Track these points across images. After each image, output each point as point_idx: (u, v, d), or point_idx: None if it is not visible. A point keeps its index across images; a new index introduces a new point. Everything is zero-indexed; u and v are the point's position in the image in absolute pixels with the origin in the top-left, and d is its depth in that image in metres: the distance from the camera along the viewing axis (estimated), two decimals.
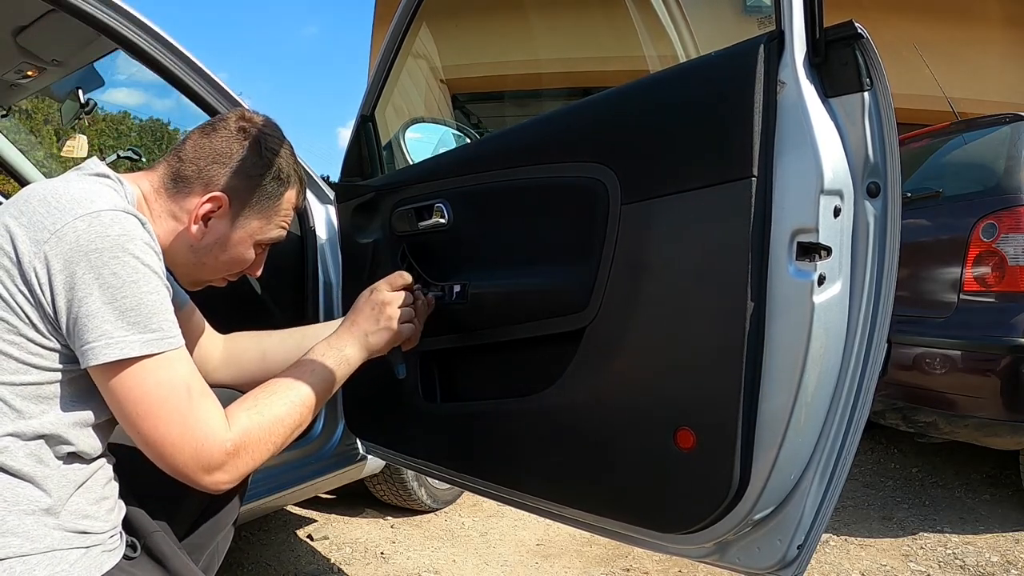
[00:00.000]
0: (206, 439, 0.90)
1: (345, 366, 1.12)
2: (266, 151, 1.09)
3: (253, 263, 1.15)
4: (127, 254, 0.87)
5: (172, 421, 0.89)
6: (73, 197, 0.90)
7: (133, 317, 0.87)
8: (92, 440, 0.94)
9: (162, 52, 1.62)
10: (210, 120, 1.11)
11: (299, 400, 1.02)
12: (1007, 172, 2.53)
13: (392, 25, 1.62)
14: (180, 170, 1.06)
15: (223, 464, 0.91)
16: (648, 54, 1.87)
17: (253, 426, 0.95)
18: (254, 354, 1.33)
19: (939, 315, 2.56)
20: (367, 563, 2.17)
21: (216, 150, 1.06)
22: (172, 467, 0.90)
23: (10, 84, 2.48)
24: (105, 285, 0.86)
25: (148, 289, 0.88)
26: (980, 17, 7.97)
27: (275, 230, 1.13)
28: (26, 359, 0.87)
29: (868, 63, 0.94)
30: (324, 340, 1.14)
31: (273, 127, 1.12)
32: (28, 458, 0.87)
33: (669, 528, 1.12)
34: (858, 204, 0.98)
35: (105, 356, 0.86)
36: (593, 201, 1.15)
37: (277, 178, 1.10)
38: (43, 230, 0.87)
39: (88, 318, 0.85)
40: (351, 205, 1.67)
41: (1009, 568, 2.15)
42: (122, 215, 0.90)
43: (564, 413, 1.21)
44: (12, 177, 3.02)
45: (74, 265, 0.85)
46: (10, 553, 0.83)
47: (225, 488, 0.94)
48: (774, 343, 0.97)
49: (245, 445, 0.93)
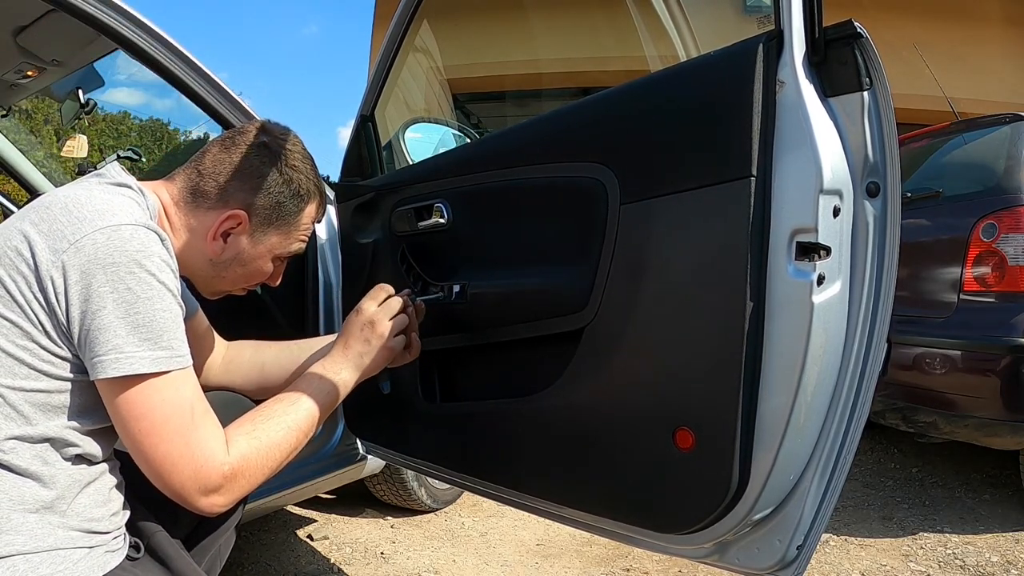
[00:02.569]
0: (206, 461, 0.90)
1: (342, 388, 1.14)
2: (287, 168, 1.08)
3: (272, 275, 1.15)
4: (143, 270, 0.88)
5: (173, 441, 0.89)
6: (95, 208, 0.90)
7: (145, 333, 0.87)
8: (98, 444, 0.95)
9: (162, 52, 1.62)
10: (230, 132, 1.11)
11: (295, 426, 1.03)
12: (1007, 172, 2.53)
13: (392, 25, 1.62)
14: (200, 184, 1.05)
15: (220, 487, 0.91)
16: (648, 54, 1.87)
17: (251, 451, 0.95)
18: (253, 363, 1.34)
19: (939, 315, 2.56)
20: (367, 563, 2.17)
21: (236, 166, 1.05)
22: (169, 486, 0.90)
23: (10, 84, 2.48)
24: (120, 299, 0.86)
25: (162, 307, 0.89)
26: (980, 17, 7.97)
27: (294, 244, 1.13)
28: (37, 365, 0.88)
29: (867, 63, 0.94)
30: (319, 363, 1.15)
31: (294, 141, 1.11)
32: (34, 459, 0.88)
33: (668, 528, 1.12)
34: (858, 204, 0.98)
35: (115, 371, 0.86)
36: (592, 201, 1.15)
37: (297, 195, 1.09)
38: (62, 239, 0.87)
39: (100, 331, 0.86)
40: (351, 205, 1.67)
41: (1009, 568, 2.15)
42: (142, 230, 0.90)
43: (563, 413, 1.21)
44: (12, 177, 3.02)
45: (90, 277, 0.86)
46: (13, 551, 0.84)
47: (220, 511, 0.94)
48: (773, 343, 0.97)
49: (243, 469, 0.94)
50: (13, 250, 0.89)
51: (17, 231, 0.90)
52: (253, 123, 1.12)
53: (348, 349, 1.17)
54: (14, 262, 0.88)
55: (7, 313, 0.87)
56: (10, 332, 0.87)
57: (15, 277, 0.87)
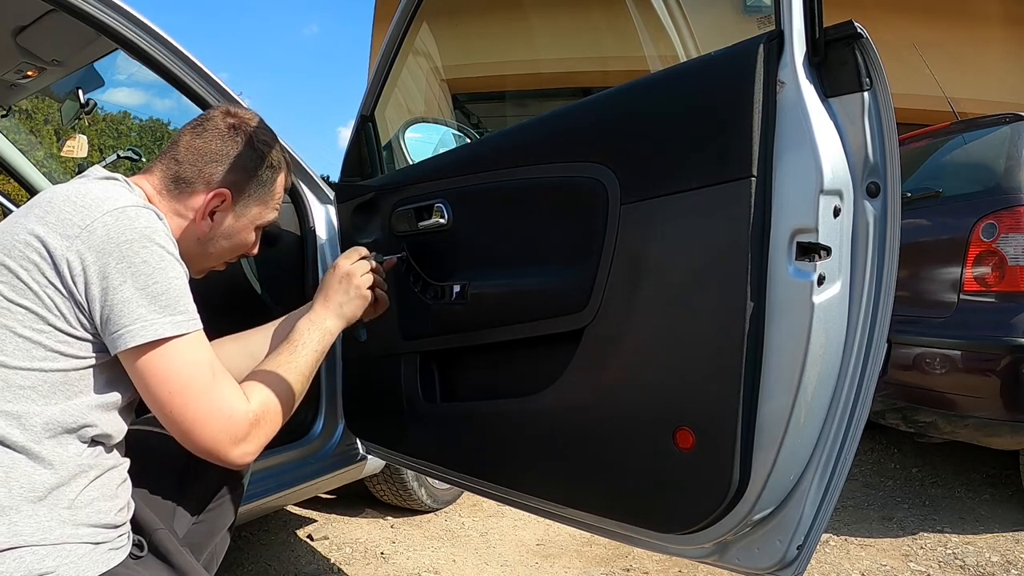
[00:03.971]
0: (233, 413, 0.98)
1: (328, 337, 1.23)
2: (259, 144, 1.17)
3: (252, 244, 1.24)
4: (154, 244, 0.95)
5: (200, 399, 0.96)
6: (97, 196, 0.97)
7: (164, 301, 0.94)
8: (114, 425, 0.99)
9: (162, 52, 1.62)
10: (198, 120, 1.17)
11: (299, 371, 1.13)
12: (1007, 172, 2.52)
13: (392, 25, 1.62)
14: (179, 172, 1.12)
15: (248, 435, 0.99)
16: (648, 54, 1.87)
17: (268, 398, 1.04)
18: (240, 354, 1.34)
19: (939, 315, 2.55)
20: (367, 563, 2.17)
21: (212, 150, 1.13)
22: (202, 443, 0.97)
23: (10, 84, 2.48)
24: (137, 273, 0.93)
25: (174, 275, 0.97)
26: (980, 17, 7.96)
27: (271, 213, 1.23)
28: (55, 347, 0.92)
29: (868, 63, 0.94)
30: (305, 318, 1.23)
31: (258, 120, 1.20)
32: (49, 442, 0.90)
33: (669, 528, 1.12)
34: (858, 204, 0.98)
35: (142, 338, 0.92)
36: (592, 201, 1.15)
37: (270, 166, 1.19)
38: (72, 226, 0.93)
39: (123, 304, 0.92)
40: (351, 205, 1.67)
41: (1009, 568, 2.15)
42: (144, 210, 0.98)
43: (563, 413, 1.21)
44: (12, 177, 3.01)
45: (107, 256, 0.92)
46: (21, 542, 0.86)
47: (249, 460, 1.02)
48: (774, 343, 0.97)
49: (264, 415, 1.02)
50: (22, 243, 0.93)
51: (22, 227, 0.94)
52: (216, 108, 1.20)
53: (329, 300, 1.26)
54: (24, 252, 0.92)
55: (22, 301, 0.92)
56: (25, 318, 0.91)
57: (27, 266, 0.92)
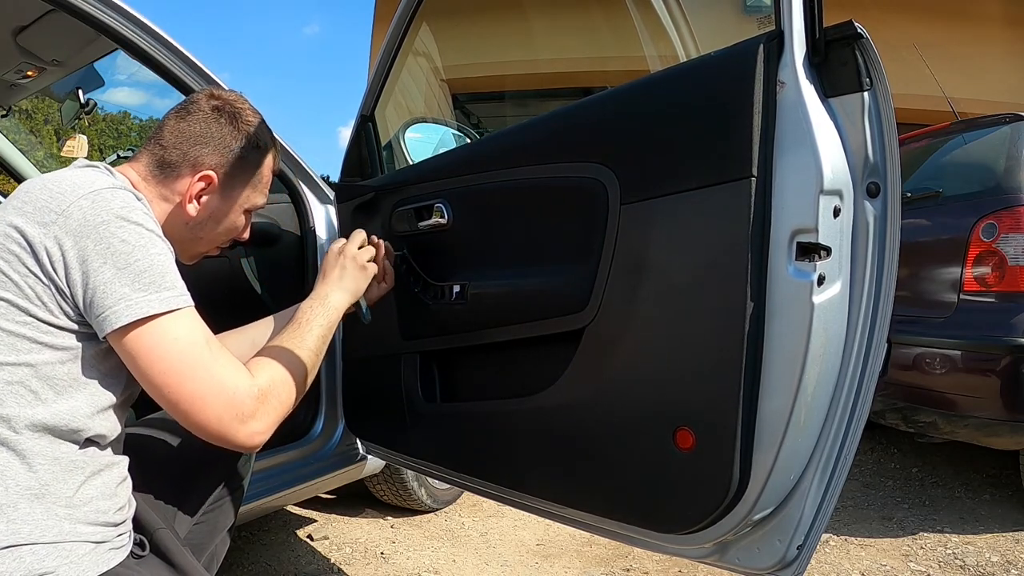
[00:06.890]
0: (236, 388, 0.93)
1: (334, 312, 1.22)
2: (244, 125, 1.15)
3: (242, 228, 1.22)
4: (131, 223, 0.92)
5: (198, 377, 0.91)
6: (73, 182, 0.95)
7: (147, 278, 0.91)
8: (107, 425, 0.96)
9: (162, 52, 1.62)
10: (183, 104, 1.16)
11: (308, 347, 1.10)
12: (1007, 172, 2.52)
13: (392, 25, 1.62)
14: (164, 156, 1.10)
15: (255, 412, 0.94)
16: (648, 54, 1.87)
17: (275, 372, 1.00)
18: (242, 345, 1.33)
19: (939, 315, 2.55)
20: (367, 563, 2.17)
21: (197, 133, 1.11)
22: (205, 424, 0.92)
23: (10, 84, 2.48)
24: (116, 252, 0.90)
25: (156, 251, 0.93)
26: (980, 17, 7.96)
27: (260, 196, 1.21)
28: (39, 338, 0.90)
29: (868, 63, 0.94)
30: (307, 300, 1.22)
31: (243, 100, 1.18)
32: (43, 442, 0.89)
33: (669, 528, 1.12)
34: (858, 204, 0.98)
35: (127, 317, 0.89)
36: (592, 201, 1.15)
37: (256, 147, 1.16)
38: (49, 212, 0.91)
39: (105, 285, 0.89)
40: (351, 205, 1.67)
41: (1009, 568, 2.15)
42: (120, 191, 0.96)
43: (563, 413, 1.21)
44: (12, 177, 3.01)
45: (84, 239, 0.89)
46: (20, 540, 0.84)
47: (261, 440, 0.96)
48: (774, 343, 0.97)
49: (271, 390, 0.97)
50: (2, 235, 0.91)
51: (1, 220, 0.92)
52: (200, 92, 1.18)
53: (327, 277, 1.27)
54: (4, 244, 0.90)
55: (3, 293, 0.89)
56: (8, 312, 0.89)
57: (8, 258, 0.90)
